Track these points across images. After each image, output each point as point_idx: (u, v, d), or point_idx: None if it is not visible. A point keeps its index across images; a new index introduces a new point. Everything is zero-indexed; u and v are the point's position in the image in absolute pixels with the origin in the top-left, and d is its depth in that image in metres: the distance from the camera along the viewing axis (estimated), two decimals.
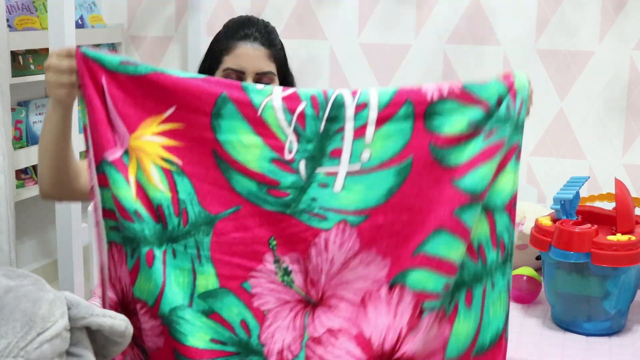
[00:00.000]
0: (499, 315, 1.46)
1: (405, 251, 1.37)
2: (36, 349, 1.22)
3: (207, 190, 1.37)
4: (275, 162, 1.37)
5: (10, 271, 1.31)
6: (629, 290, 2.23)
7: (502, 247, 1.42)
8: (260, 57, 1.83)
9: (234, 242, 1.38)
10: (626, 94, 2.77)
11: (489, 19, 2.86)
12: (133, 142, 1.37)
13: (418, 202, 1.37)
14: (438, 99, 1.37)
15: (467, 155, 1.37)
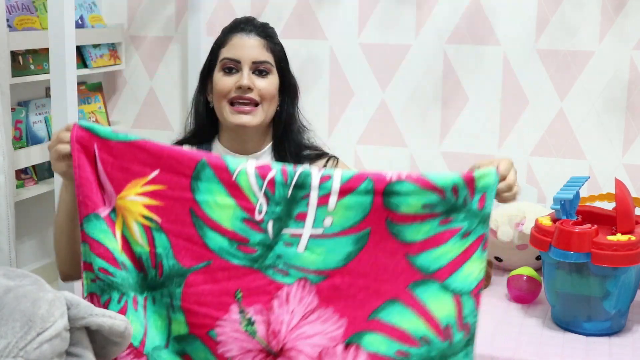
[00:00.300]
0: None
1: (361, 314, 1.49)
2: (36, 349, 1.22)
3: (182, 245, 1.52)
4: (246, 221, 1.51)
5: (9, 271, 1.31)
6: (629, 290, 2.23)
7: (467, 329, 1.50)
8: (256, 47, 1.84)
9: (203, 293, 1.51)
10: (626, 94, 2.76)
11: (489, 19, 2.86)
12: (119, 201, 1.54)
13: (374, 269, 1.50)
14: (396, 180, 1.49)
15: (423, 235, 1.49)
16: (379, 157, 3.05)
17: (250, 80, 1.81)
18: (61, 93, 2.33)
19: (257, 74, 1.83)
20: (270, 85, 1.84)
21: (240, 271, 1.51)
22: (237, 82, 1.81)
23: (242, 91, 1.81)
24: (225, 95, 1.83)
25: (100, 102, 3.19)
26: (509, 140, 2.91)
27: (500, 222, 2.64)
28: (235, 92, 1.82)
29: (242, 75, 1.81)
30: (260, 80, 1.83)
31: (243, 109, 1.81)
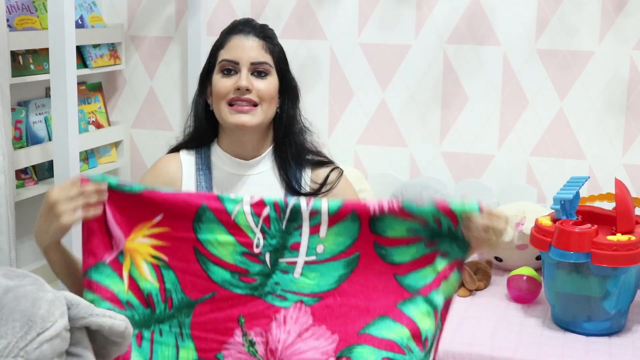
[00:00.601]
0: None
1: (352, 329, 1.61)
2: (36, 349, 1.22)
3: (189, 280, 1.66)
4: (246, 255, 1.64)
5: (9, 271, 1.31)
6: (629, 290, 2.23)
7: (433, 342, 1.67)
8: (254, 48, 1.83)
9: (210, 321, 1.65)
10: (626, 94, 2.77)
11: (489, 19, 2.86)
12: (128, 244, 1.66)
13: (364, 289, 1.62)
14: (379, 214, 1.60)
15: (410, 256, 1.61)
16: (379, 157, 3.05)
17: (249, 81, 1.80)
18: (61, 93, 2.33)
19: (255, 75, 1.82)
20: (269, 86, 1.83)
21: (243, 299, 1.65)
22: (235, 84, 1.80)
23: (241, 92, 1.80)
24: (224, 96, 1.82)
25: (100, 102, 3.19)
26: (509, 140, 2.91)
27: None
28: (234, 94, 1.81)
29: (241, 77, 1.80)
30: (259, 82, 1.82)
31: (242, 109, 1.80)
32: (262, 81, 1.83)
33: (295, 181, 1.89)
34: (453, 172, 2.98)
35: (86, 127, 3.09)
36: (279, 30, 3.00)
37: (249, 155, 1.90)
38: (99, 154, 3.16)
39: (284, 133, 1.90)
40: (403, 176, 3.02)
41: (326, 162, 1.95)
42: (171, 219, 1.65)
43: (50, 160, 2.75)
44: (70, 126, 2.35)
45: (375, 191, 2.97)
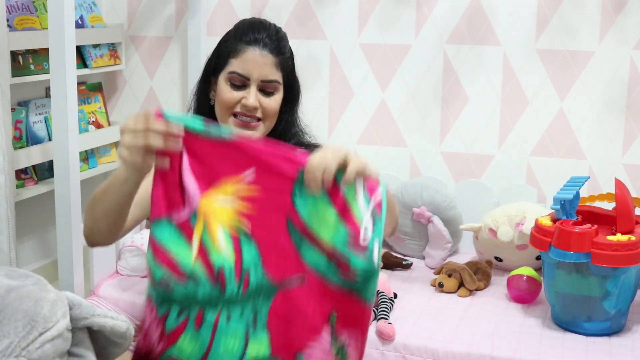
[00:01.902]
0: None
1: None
2: (38, 349, 1.22)
3: (274, 257, 1.34)
4: (350, 245, 1.32)
5: (12, 271, 1.31)
6: (629, 290, 2.23)
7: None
8: (267, 65, 1.80)
9: (293, 311, 1.34)
10: (626, 94, 2.77)
11: (489, 19, 2.86)
12: (204, 202, 1.35)
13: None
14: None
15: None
16: (379, 157, 3.05)
17: (256, 99, 1.79)
18: (61, 93, 2.33)
19: (263, 92, 1.81)
20: (275, 103, 1.82)
21: (338, 293, 1.34)
22: (243, 100, 1.79)
23: (247, 109, 1.80)
24: (230, 108, 1.81)
25: (100, 102, 3.19)
26: (509, 140, 2.91)
27: (500, 222, 2.64)
28: (240, 108, 1.80)
29: (250, 94, 1.78)
30: (266, 99, 1.80)
31: (246, 124, 1.80)
32: (268, 99, 1.82)
33: None
34: (453, 172, 2.98)
35: (86, 127, 3.09)
36: None
37: None
38: (99, 154, 3.16)
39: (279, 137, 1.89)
40: (403, 176, 3.02)
41: (317, 145, 1.90)
42: (265, 176, 1.34)
43: (50, 160, 2.75)
44: (70, 126, 2.35)
45: None
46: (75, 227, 2.39)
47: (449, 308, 2.40)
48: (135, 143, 1.35)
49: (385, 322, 2.21)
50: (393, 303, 2.36)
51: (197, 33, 3.05)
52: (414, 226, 2.84)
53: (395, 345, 2.19)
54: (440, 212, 2.79)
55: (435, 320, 2.31)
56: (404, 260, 2.77)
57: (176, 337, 1.35)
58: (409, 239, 2.87)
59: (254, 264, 1.34)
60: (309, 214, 1.32)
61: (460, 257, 2.87)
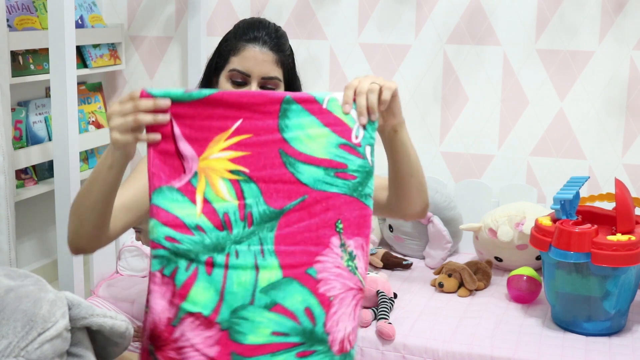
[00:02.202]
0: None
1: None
2: (37, 349, 1.22)
3: (274, 188, 1.42)
4: (343, 146, 1.43)
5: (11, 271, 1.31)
6: (629, 290, 2.23)
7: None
8: (267, 62, 1.81)
9: (299, 230, 1.41)
10: (626, 94, 2.77)
11: (489, 19, 2.86)
12: (202, 163, 1.43)
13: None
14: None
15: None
16: (379, 157, 3.04)
17: None
18: (61, 93, 2.33)
19: (263, 89, 1.82)
20: None
21: (340, 199, 1.42)
22: None
23: None
24: None
25: (100, 102, 3.19)
26: (509, 140, 2.91)
27: (500, 222, 2.64)
28: None
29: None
30: None
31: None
32: None
33: None
34: (453, 172, 2.98)
35: (86, 127, 3.09)
36: None
37: None
38: (99, 154, 3.16)
39: None
40: None
41: None
42: (252, 122, 1.43)
43: (50, 160, 2.75)
44: (70, 126, 2.35)
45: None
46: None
47: (449, 308, 2.40)
48: (125, 123, 1.40)
49: (385, 322, 2.21)
50: (393, 303, 2.36)
51: (197, 33, 3.05)
52: (414, 226, 2.84)
53: (395, 345, 2.19)
54: (440, 212, 2.79)
55: (435, 320, 2.31)
56: (404, 260, 2.77)
57: (188, 289, 1.40)
58: (409, 239, 2.87)
59: (255, 200, 1.42)
60: (299, 141, 1.42)
61: (460, 257, 2.87)
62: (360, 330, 2.24)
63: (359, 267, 1.42)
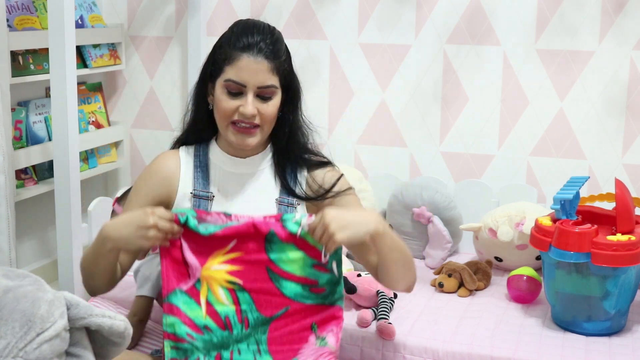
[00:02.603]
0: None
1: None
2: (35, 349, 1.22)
3: (263, 299, 1.80)
4: (316, 266, 1.80)
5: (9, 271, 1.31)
6: (629, 290, 2.23)
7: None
8: (262, 71, 1.78)
9: (285, 333, 1.81)
10: (626, 94, 2.76)
11: (489, 19, 2.86)
12: (204, 272, 1.81)
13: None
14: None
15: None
16: (379, 157, 3.05)
17: (254, 107, 1.78)
18: (61, 93, 2.33)
19: (260, 98, 1.80)
20: (273, 108, 1.81)
21: (314, 308, 1.82)
22: (240, 108, 1.78)
23: (245, 117, 1.79)
24: (228, 117, 1.80)
25: (100, 102, 3.19)
26: (509, 140, 2.91)
27: (500, 222, 2.64)
28: (238, 116, 1.79)
29: (247, 102, 1.77)
30: (264, 105, 1.79)
31: (245, 130, 1.80)
32: (266, 104, 1.81)
33: (291, 181, 1.90)
34: (453, 172, 2.98)
35: (86, 127, 3.09)
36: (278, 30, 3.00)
37: (246, 154, 1.91)
38: (99, 154, 3.16)
39: (281, 135, 1.90)
40: (403, 176, 3.02)
41: (324, 163, 1.95)
42: (244, 244, 1.79)
43: (50, 160, 2.75)
44: (70, 126, 2.35)
45: (375, 191, 2.97)
46: (75, 227, 2.39)
47: (449, 308, 2.40)
48: (145, 234, 1.72)
49: (385, 322, 2.21)
50: (393, 303, 2.36)
51: (197, 33, 3.05)
52: (414, 226, 2.84)
53: (395, 345, 2.19)
54: (440, 212, 2.79)
55: (435, 320, 2.31)
56: None
57: None
58: (409, 239, 2.86)
59: (249, 307, 1.80)
60: (281, 261, 1.79)
61: (460, 257, 2.87)
62: (360, 330, 2.24)
63: (329, 342, 1.84)
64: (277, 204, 1.89)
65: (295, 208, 1.89)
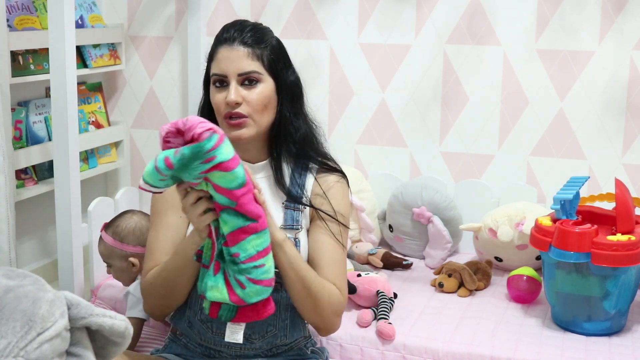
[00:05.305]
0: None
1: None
2: (36, 349, 1.22)
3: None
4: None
5: (10, 271, 1.31)
6: (629, 290, 2.23)
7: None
8: (239, 57, 1.79)
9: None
10: (626, 94, 2.77)
11: (489, 19, 2.86)
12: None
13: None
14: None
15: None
16: (379, 157, 3.05)
17: (238, 94, 1.77)
18: (61, 93, 2.33)
19: (246, 84, 1.80)
20: (261, 95, 1.79)
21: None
22: (225, 98, 1.79)
23: (231, 107, 1.79)
24: (220, 112, 1.81)
25: (100, 102, 3.19)
26: (509, 140, 2.91)
27: (500, 222, 2.64)
28: (226, 108, 1.80)
29: (230, 91, 1.78)
30: (249, 92, 1.78)
31: (236, 123, 1.80)
32: (252, 91, 1.80)
33: (295, 188, 1.88)
34: (453, 172, 2.98)
35: (86, 127, 3.09)
36: (278, 30, 3.00)
37: (255, 158, 1.89)
38: (99, 154, 3.16)
39: (281, 136, 1.88)
40: (403, 176, 3.02)
41: (331, 169, 1.93)
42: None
43: (50, 160, 2.75)
44: (70, 126, 2.35)
45: (375, 191, 2.97)
46: (75, 228, 2.39)
47: (449, 308, 2.40)
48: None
49: (385, 322, 2.21)
50: (393, 303, 2.36)
51: (197, 33, 3.05)
52: (414, 226, 2.84)
53: (395, 345, 2.19)
54: (440, 212, 2.79)
55: (435, 320, 2.31)
56: (404, 260, 2.77)
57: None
58: (409, 239, 2.87)
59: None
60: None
61: (460, 257, 2.87)
62: (360, 330, 2.24)
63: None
64: (284, 208, 1.88)
65: (302, 212, 1.88)
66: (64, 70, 2.32)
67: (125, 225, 2.24)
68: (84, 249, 2.47)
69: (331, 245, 1.84)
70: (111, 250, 2.23)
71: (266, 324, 1.83)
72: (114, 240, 2.22)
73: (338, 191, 1.90)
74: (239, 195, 1.58)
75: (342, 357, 2.21)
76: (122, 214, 2.29)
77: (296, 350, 1.92)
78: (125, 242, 2.22)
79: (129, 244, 2.21)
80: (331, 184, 1.89)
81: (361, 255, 2.77)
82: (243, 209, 1.59)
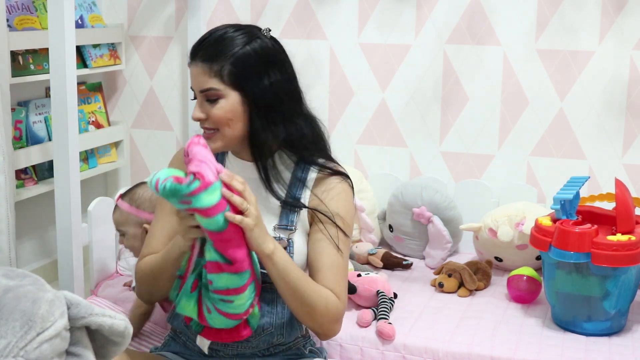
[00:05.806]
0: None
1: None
2: (36, 349, 1.22)
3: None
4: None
5: (10, 271, 1.31)
6: (629, 290, 2.23)
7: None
8: (199, 75, 1.81)
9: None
10: (626, 94, 2.77)
11: (489, 19, 2.86)
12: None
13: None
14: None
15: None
16: (379, 157, 3.05)
17: (203, 109, 1.80)
18: (61, 93, 2.33)
19: (208, 102, 1.82)
20: (220, 111, 1.78)
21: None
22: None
23: (200, 122, 1.83)
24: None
25: (100, 102, 3.19)
26: (509, 140, 2.91)
27: (500, 222, 2.64)
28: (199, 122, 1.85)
29: (195, 107, 1.83)
30: (211, 108, 1.80)
31: (207, 135, 1.83)
32: (214, 106, 1.80)
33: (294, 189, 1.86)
34: (453, 172, 2.98)
35: (86, 127, 3.09)
36: (278, 30, 3.00)
37: (251, 158, 1.89)
38: (99, 154, 3.16)
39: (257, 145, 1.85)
40: (403, 176, 3.02)
41: (334, 172, 1.89)
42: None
43: (50, 160, 2.75)
44: (70, 126, 2.35)
45: (375, 191, 2.97)
46: (75, 228, 2.39)
47: (449, 308, 2.40)
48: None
49: (385, 322, 2.21)
50: (393, 303, 2.36)
51: (197, 33, 3.04)
52: (414, 226, 2.84)
53: (395, 345, 2.19)
54: (440, 212, 2.79)
55: (435, 320, 2.31)
56: (404, 260, 2.77)
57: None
58: (409, 239, 2.86)
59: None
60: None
61: (460, 257, 2.87)
62: (360, 330, 2.24)
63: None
64: (281, 207, 1.87)
65: (299, 213, 1.87)
66: (64, 70, 2.32)
67: (142, 193, 2.29)
68: (83, 249, 2.47)
69: (329, 249, 1.83)
70: (127, 217, 2.27)
71: (262, 322, 1.82)
72: (130, 207, 2.27)
73: (339, 193, 1.88)
74: (217, 240, 1.59)
75: (342, 357, 2.21)
76: (139, 184, 2.35)
77: (294, 350, 1.92)
78: (141, 209, 2.26)
79: (144, 210, 2.25)
80: (332, 185, 1.88)
81: (361, 255, 2.77)
82: (221, 250, 1.60)
